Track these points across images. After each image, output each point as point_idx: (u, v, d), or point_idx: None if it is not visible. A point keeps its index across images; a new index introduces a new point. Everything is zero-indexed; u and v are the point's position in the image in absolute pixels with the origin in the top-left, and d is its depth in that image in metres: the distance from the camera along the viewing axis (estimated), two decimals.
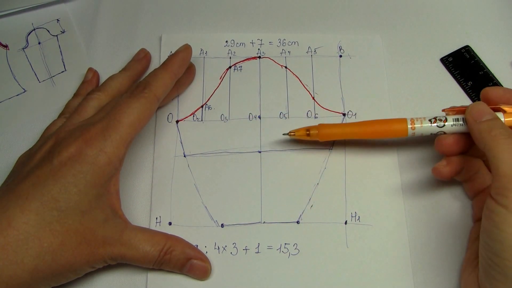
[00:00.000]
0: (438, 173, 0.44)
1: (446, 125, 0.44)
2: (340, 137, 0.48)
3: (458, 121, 0.44)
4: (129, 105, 0.44)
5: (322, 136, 0.47)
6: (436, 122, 0.44)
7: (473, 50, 0.55)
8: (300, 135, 0.48)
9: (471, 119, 0.41)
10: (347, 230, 0.47)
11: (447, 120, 0.44)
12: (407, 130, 0.45)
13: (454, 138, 0.44)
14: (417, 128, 0.45)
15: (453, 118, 0.44)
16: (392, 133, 0.46)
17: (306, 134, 0.47)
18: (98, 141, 0.41)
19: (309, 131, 0.47)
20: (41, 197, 0.39)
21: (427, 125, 0.45)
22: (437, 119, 0.44)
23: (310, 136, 0.47)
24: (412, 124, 0.45)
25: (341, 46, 0.55)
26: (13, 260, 0.37)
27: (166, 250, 0.43)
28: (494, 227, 0.36)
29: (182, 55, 0.49)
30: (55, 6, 0.59)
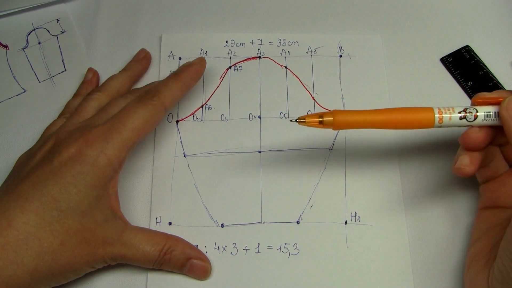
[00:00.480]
0: (462, 172, 0.40)
1: (476, 121, 0.39)
2: (358, 126, 0.41)
3: (490, 116, 0.39)
4: (135, 110, 0.44)
5: (337, 124, 0.40)
6: (466, 116, 0.39)
7: (473, 50, 0.55)
8: (311, 122, 0.40)
9: (507, 114, 0.38)
10: (347, 230, 0.47)
11: (478, 115, 0.39)
12: (433, 120, 0.40)
13: (484, 133, 0.40)
14: (445, 119, 0.40)
15: (485, 112, 0.39)
16: (417, 123, 0.40)
17: (318, 121, 0.40)
18: (99, 142, 0.41)
19: (322, 118, 0.40)
20: (41, 197, 0.39)
21: (456, 118, 0.40)
22: (467, 111, 0.40)
23: (323, 124, 0.40)
24: (439, 114, 0.40)
25: (341, 46, 0.55)
26: (13, 260, 0.37)
27: (166, 250, 0.43)
28: None
29: (196, 67, 0.50)
30: (55, 6, 0.59)
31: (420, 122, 0.40)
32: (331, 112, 0.40)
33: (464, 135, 0.40)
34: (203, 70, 0.51)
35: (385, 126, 0.41)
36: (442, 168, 0.49)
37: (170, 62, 0.54)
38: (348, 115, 0.41)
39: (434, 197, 0.48)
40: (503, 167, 0.43)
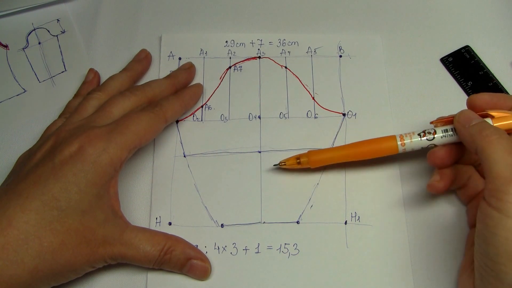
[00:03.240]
0: (434, 189, 0.44)
1: (436, 137, 0.44)
2: (331, 161, 0.47)
3: (447, 131, 0.43)
4: (138, 116, 0.44)
5: (312, 163, 0.47)
6: (425, 136, 0.44)
7: (473, 50, 0.55)
8: (291, 164, 0.47)
9: (459, 125, 0.41)
10: (347, 230, 0.47)
11: (436, 132, 0.44)
12: (397, 147, 0.45)
13: (446, 150, 0.43)
14: (407, 144, 0.45)
15: (442, 130, 0.44)
16: (382, 151, 0.46)
17: (296, 162, 0.47)
18: (102, 141, 0.42)
19: (299, 159, 0.47)
20: (41, 196, 0.39)
21: (417, 140, 0.44)
22: (426, 132, 0.44)
23: (301, 164, 0.47)
24: (401, 141, 0.45)
25: (341, 46, 0.55)
26: (13, 259, 0.37)
27: (166, 250, 0.43)
28: (488, 231, 0.35)
29: (195, 89, 0.52)
30: (55, 6, 0.59)
31: (385, 150, 0.46)
32: (307, 154, 0.47)
33: (429, 154, 0.44)
34: (201, 93, 0.53)
35: (355, 158, 0.47)
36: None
37: (170, 62, 0.54)
38: (321, 154, 0.47)
39: (433, 197, 0.48)
40: (481, 184, 0.45)
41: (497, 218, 0.35)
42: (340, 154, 0.47)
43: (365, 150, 0.46)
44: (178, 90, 0.52)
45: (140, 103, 0.47)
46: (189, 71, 0.53)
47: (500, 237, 0.34)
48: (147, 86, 0.49)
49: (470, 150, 0.40)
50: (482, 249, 0.36)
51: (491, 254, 0.35)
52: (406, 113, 0.52)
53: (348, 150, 0.47)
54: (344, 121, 0.51)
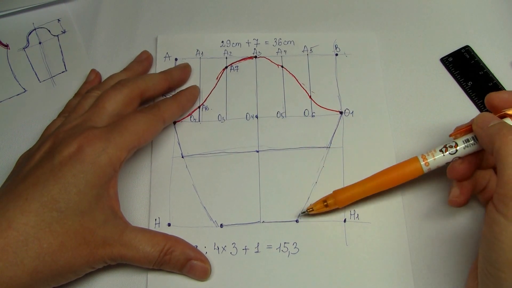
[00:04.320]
0: (455, 204, 0.44)
1: (458, 150, 0.43)
2: (358, 197, 0.46)
3: (469, 141, 0.42)
4: (136, 117, 0.45)
5: (339, 202, 0.46)
6: (447, 150, 0.43)
7: (473, 50, 0.55)
8: (319, 208, 0.46)
9: (478, 128, 0.40)
10: (346, 228, 0.47)
11: (458, 145, 0.43)
12: (421, 168, 0.44)
13: (466, 164, 0.43)
14: (430, 163, 0.43)
15: (463, 140, 0.43)
16: (408, 176, 0.45)
17: (324, 205, 0.46)
18: (101, 141, 0.42)
19: (326, 202, 0.46)
20: (41, 197, 0.39)
21: (440, 156, 0.43)
22: (448, 146, 0.43)
23: (329, 206, 0.46)
24: (424, 160, 0.44)
25: (337, 45, 0.55)
26: (13, 261, 0.38)
27: (166, 251, 0.43)
28: (492, 236, 0.35)
29: (191, 91, 0.52)
30: (56, 6, 0.59)
31: (410, 174, 0.45)
32: (332, 195, 0.46)
33: (449, 168, 0.43)
34: (198, 95, 0.53)
35: (381, 189, 0.46)
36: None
37: (166, 63, 0.54)
38: (347, 192, 0.46)
39: (432, 194, 0.48)
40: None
41: (503, 224, 0.34)
42: (366, 188, 0.46)
43: (390, 178, 0.45)
44: (171, 86, 0.52)
45: (133, 95, 0.47)
46: (184, 70, 0.53)
47: (503, 244, 0.34)
48: (140, 79, 0.49)
49: (488, 152, 0.39)
50: (484, 253, 0.36)
51: (492, 260, 0.35)
52: (406, 113, 0.52)
53: (373, 182, 0.46)
54: (341, 119, 0.51)
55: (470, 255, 0.45)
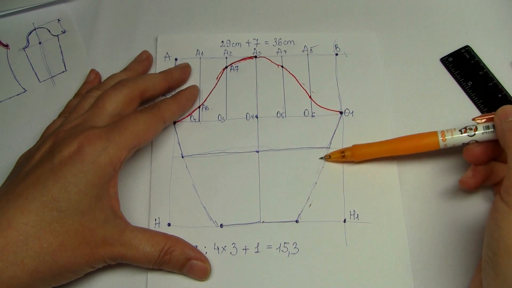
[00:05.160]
0: (465, 184, 0.45)
1: (477, 134, 0.44)
2: (374, 155, 0.49)
3: (489, 128, 0.43)
4: (136, 117, 0.45)
5: (356, 156, 0.48)
6: (466, 132, 0.44)
7: (473, 50, 0.55)
8: (336, 157, 0.49)
9: (497, 120, 0.42)
10: (346, 228, 0.47)
11: (478, 129, 0.44)
12: (438, 142, 0.45)
13: (482, 148, 0.44)
14: (448, 139, 0.45)
15: (484, 126, 0.44)
16: (424, 147, 0.46)
17: (341, 156, 0.49)
18: (101, 141, 0.42)
19: (343, 153, 0.48)
20: (41, 197, 0.39)
21: (458, 136, 0.45)
22: (468, 128, 0.44)
23: (345, 158, 0.48)
24: (443, 136, 0.45)
25: (337, 45, 0.55)
26: (13, 261, 0.38)
27: (166, 251, 0.43)
28: (493, 223, 0.36)
29: (191, 91, 0.52)
30: (56, 6, 0.59)
31: (427, 146, 0.46)
32: (351, 148, 0.49)
33: (465, 149, 0.45)
34: (197, 95, 0.53)
35: (397, 152, 0.48)
36: (440, 165, 0.49)
37: (166, 63, 0.54)
38: (365, 148, 0.48)
39: (432, 194, 0.48)
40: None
41: (505, 212, 0.36)
42: (383, 149, 0.48)
43: (408, 145, 0.47)
44: (171, 86, 0.52)
45: (133, 95, 0.47)
46: (184, 70, 0.53)
47: (503, 230, 0.35)
48: (140, 79, 0.49)
49: (501, 144, 0.40)
50: (487, 240, 0.37)
51: (492, 246, 0.36)
52: (407, 113, 0.52)
53: (391, 145, 0.48)
54: (342, 119, 0.51)
55: (470, 255, 0.45)
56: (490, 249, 0.36)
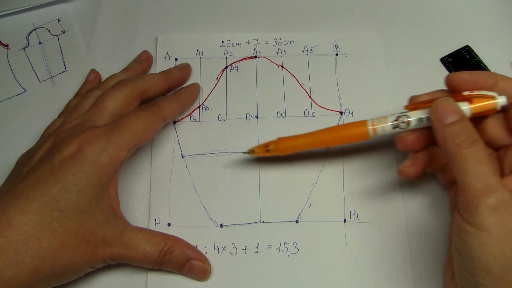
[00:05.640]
0: (404, 174, 0.43)
1: (410, 127, 0.41)
2: (300, 148, 0.46)
3: (422, 121, 0.41)
4: (136, 115, 0.45)
5: (281, 150, 0.46)
6: (399, 126, 0.42)
7: (473, 50, 0.55)
8: (260, 151, 0.47)
9: (435, 119, 0.38)
10: (346, 228, 0.47)
11: (410, 123, 0.41)
12: (368, 133, 0.43)
13: (417, 135, 0.41)
14: (378, 131, 0.43)
15: (417, 119, 0.41)
16: (352, 138, 0.44)
17: (265, 150, 0.46)
18: (101, 140, 0.42)
19: (268, 147, 0.46)
20: (41, 197, 0.39)
21: (390, 129, 0.42)
22: (400, 120, 0.42)
23: (270, 152, 0.46)
24: (373, 127, 0.43)
25: (337, 45, 0.55)
26: (13, 261, 0.38)
27: (166, 251, 0.43)
28: (462, 245, 0.35)
29: (191, 89, 0.52)
30: (56, 6, 0.59)
31: (355, 136, 0.44)
32: (276, 141, 0.46)
33: (397, 138, 0.42)
34: (198, 93, 0.53)
35: (325, 144, 0.47)
36: None
37: (167, 63, 0.54)
38: (290, 141, 0.46)
39: (431, 194, 0.48)
40: None
41: (471, 233, 0.34)
42: (309, 141, 0.45)
43: (334, 136, 0.45)
44: (172, 86, 0.52)
45: (133, 95, 0.47)
46: (184, 70, 0.53)
47: (475, 251, 0.34)
48: (140, 79, 0.49)
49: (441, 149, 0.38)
50: (459, 261, 0.36)
51: (468, 267, 0.35)
52: None
53: (318, 136, 0.45)
54: (341, 119, 0.51)
55: None
56: (464, 269, 0.35)
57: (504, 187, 0.34)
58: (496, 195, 0.33)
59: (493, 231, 0.33)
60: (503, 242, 0.33)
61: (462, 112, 0.38)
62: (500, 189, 0.34)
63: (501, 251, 0.33)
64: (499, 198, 0.33)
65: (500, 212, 0.33)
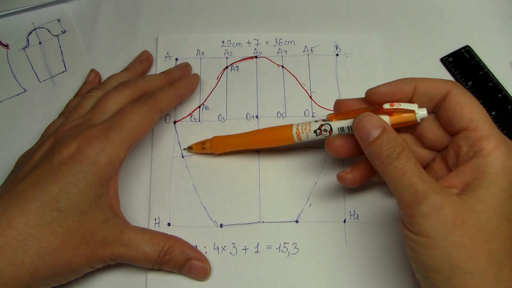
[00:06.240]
0: (342, 180, 0.43)
1: (332, 135, 0.42)
2: (234, 147, 0.48)
3: (343, 130, 0.42)
4: (132, 110, 0.44)
5: (215, 148, 0.48)
6: (321, 133, 0.43)
7: (473, 50, 0.55)
8: (197, 149, 0.49)
9: (358, 138, 0.39)
10: (346, 228, 0.47)
11: (332, 130, 0.42)
12: (293, 138, 0.45)
13: (344, 141, 0.42)
14: (303, 137, 0.44)
15: (338, 128, 0.42)
16: (279, 140, 0.46)
17: (201, 147, 0.49)
18: (99, 140, 0.42)
19: (203, 145, 0.49)
20: (40, 197, 0.39)
21: (313, 136, 0.43)
22: (322, 129, 0.43)
23: (205, 149, 0.48)
24: (297, 132, 0.44)
25: (337, 45, 0.55)
26: (13, 261, 0.38)
27: (166, 251, 0.43)
28: (411, 251, 0.36)
29: (191, 79, 0.52)
30: (56, 6, 0.59)
31: (282, 140, 0.45)
32: (211, 139, 0.48)
33: (326, 142, 0.43)
34: (197, 83, 0.53)
35: (255, 145, 0.47)
36: None
37: (167, 63, 0.54)
38: (224, 140, 0.48)
39: None
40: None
41: (415, 239, 0.35)
42: (242, 141, 0.47)
43: (265, 138, 0.47)
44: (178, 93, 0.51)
45: (134, 96, 0.47)
46: (184, 70, 0.53)
47: (422, 255, 0.34)
48: (141, 80, 0.49)
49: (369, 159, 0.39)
50: (413, 266, 0.37)
51: (420, 271, 0.36)
52: None
53: (249, 137, 0.47)
54: None
55: None
56: (418, 273, 0.36)
57: (432, 189, 0.35)
58: (426, 203, 0.34)
59: (433, 235, 0.34)
60: (444, 243, 0.34)
61: (383, 123, 0.38)
62: (428, 193, 0.34)
63: (445, 251, 0.34)
64: (429, 204, 0.34)
65: (433, 215, 0.34)
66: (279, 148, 0.50)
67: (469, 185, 0.36)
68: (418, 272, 0.36)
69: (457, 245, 0.33)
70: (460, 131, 0.38)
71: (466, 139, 0.38)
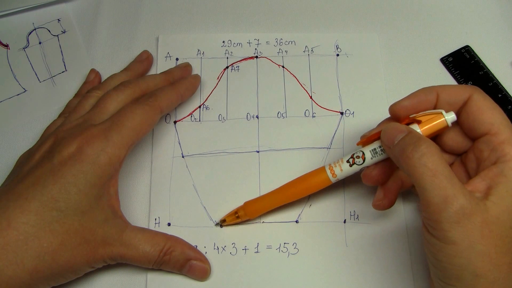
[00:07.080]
0: (380, 207, 0.43)
1: (366, 161, 0.42)
2: (269, 208, 0.46)
3: (376, 151, 0.41)
4: (132, 110, 0.44)
5: (250, 213, 0.46)
6: (354, 162, 0.42)
7: (473, 50, 0.55)
8: (231, 220, 0.46)
9: (385, 146, 0.39)
10: (346, 229, 0.47)
11: (365, 155, 0.42)
12: (329, 179, 0.43)
13: (379, 170, 0.42)
14: (338, 174, 0.43)
15: (370, 150, 0.41)
16: (316, 187, 0.44)
17: (235, 217, 0.46)
18: (100, 140, 0.42)
19: (237, 213, 0.46)
20: (40, 197, 0.39)
21: (347, 168, 0.42)
22: (355, 157, 0.42)
23: (240, 218, 0.46)
24: (331, 171, 0.43)
25: (338, 45, 0.55)
26: (13, 260, 0.38)
27: (166, 251, 0.43)
28: (431, 256, 0.35)
29: (191, 80, 0.52)
30: (56, 6, 0.59)
31: (317, 185, 0.44)
32: (243, 207, 0.46)
33: (362, 175, 0.43)
34: (198, 84, 0.52)
35: (292, 199, 0.46)
36: None
37: (167, 63, 0.54)
38: (256, 204, 0.46)
39: None
40: None
41: (438, 246, 0.34)
42: (276, 200, 0.46)
43: (299, 190, 0.45)
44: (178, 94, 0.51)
45: (135, 96, 0.47)
46: (185, 70, 0.53)
47: (443, 263, 0.34)
48: (141, 80, 0.49)
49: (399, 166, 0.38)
50: (432, 271, 0.36)
51: (441, 276, 0.35)
52: None
53: (282, 193, 0.46)
54: (342, 120, 0.51)
55: None
56: (438, 278, 0.35)
57: (463, 194, 0.34)
58: (455, 207, 0.33)
59: (458, 242, 0.33)
60: (470, 252, 0.33)
61: (407, 127, 0.38)
62: (459, 198, 0.33)
63: (469, 260, 0.33)
64: (459, 209, 0.33)
65: (462, 223, 0.33)
66: (279, 148, 0.50)
67: (493, 189, 0.35)
68: (437, 277, 0.36)
69: (482, 255, 0.33)
70: (481, 136, 0.38)
71: (487, 144, 0.38)
